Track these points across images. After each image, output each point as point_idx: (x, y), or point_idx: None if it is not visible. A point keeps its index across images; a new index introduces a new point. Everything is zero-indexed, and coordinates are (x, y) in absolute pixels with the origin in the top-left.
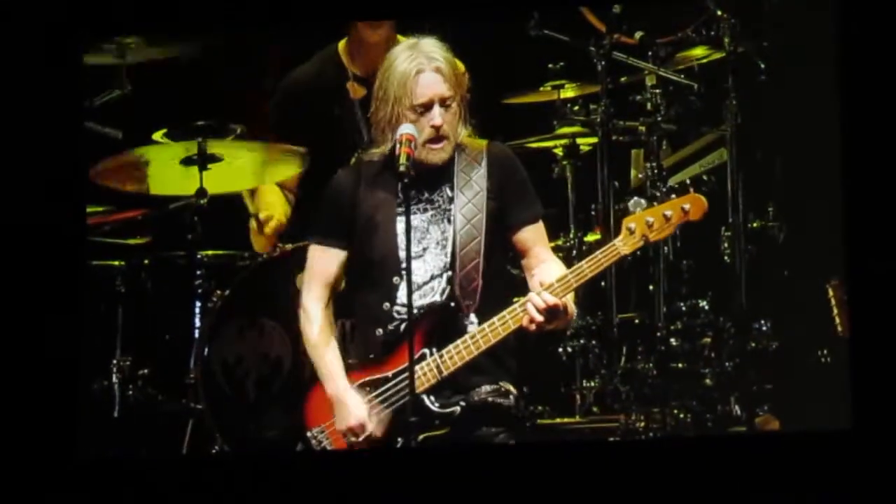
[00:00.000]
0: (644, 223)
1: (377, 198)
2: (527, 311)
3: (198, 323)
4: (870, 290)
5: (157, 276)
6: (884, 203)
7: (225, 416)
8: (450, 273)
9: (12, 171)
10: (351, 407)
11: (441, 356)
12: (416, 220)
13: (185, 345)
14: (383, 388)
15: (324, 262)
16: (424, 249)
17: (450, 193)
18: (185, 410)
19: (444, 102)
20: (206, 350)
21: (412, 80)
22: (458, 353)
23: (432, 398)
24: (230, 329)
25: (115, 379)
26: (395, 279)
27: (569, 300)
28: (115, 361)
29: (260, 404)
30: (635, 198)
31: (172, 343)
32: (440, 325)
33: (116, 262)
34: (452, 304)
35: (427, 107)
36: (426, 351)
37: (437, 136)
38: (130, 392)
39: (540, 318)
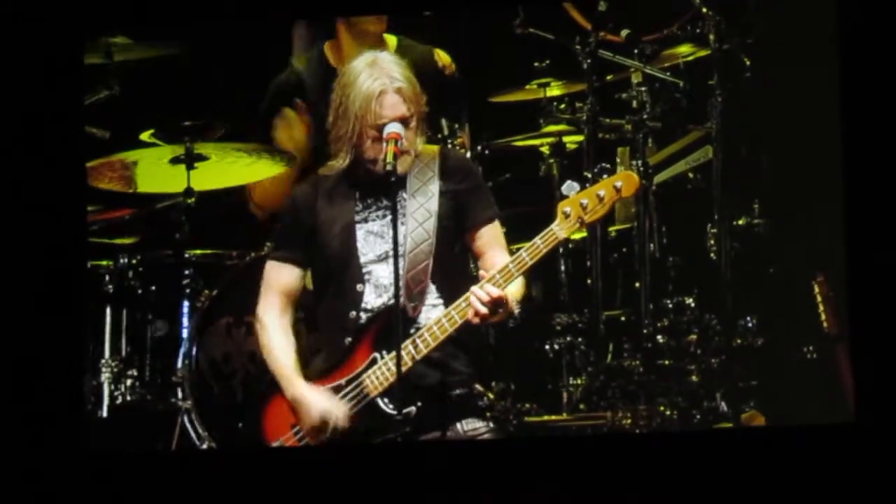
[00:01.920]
0: (578, 205)
1: (335, 209)
2: (471, 304)
3: (186, 322)
4: (870, 283)
5: (145, 276)
6: (884, 196)
7: (213, 415)
8: None
9: (13, 172)
10: (311, 406)
11: (394, 358)
12: (377, 225)
13: (173, 344)
14: (338, 396)
15: (278, 276)
16: (387, 253)
17: (405, 198)
18: (174, 409)
19: (404, 121)
20: (194, 349)
21: (376, 100)
22: (407, 354)
23: (386, 400)
24: (218, 328)
25: (103, 378)
26: (359, 286)
27: (510, 292)
28: (103, 361)
29: (247, 403)
30: (568, 181)
31: (160, 342)
32: (390, 328)
33: (104, 262)
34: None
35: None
36: (376, 355)
37: (398, 152)
38: (119, 391)
39: (484, 310)
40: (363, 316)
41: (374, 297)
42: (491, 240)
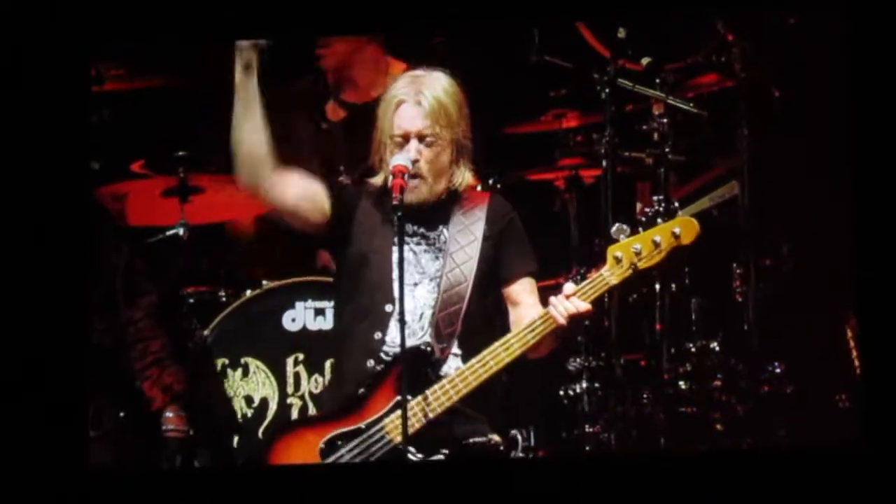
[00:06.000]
0: (631, 251)
1: (373, 224)
2: (554, 315)
3: None
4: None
5: None
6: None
7: (208, 458)
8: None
9: (18, 193)
10: None
11: (425, 399)
12: (410, 254)
13: None
14: (357, 441)
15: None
16: (416, 284)
17: (445, 235)
18: (169, 454)
19: (422, 138)
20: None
21: (392, 110)
22: (444, 395)
23: (413, 448)
24: (212, 370)
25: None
26: (388, 307)
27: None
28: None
29: (243, 447)
30: (618, 224)
31: None
32: (415, 369)
33: None
34: (428, 347)
35: (405, 139)
36: (399, 398)
37: (412, 174)
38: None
39: (564, 322)
40: (385, 347)
41: (396, 334)
42: (528, 290)
